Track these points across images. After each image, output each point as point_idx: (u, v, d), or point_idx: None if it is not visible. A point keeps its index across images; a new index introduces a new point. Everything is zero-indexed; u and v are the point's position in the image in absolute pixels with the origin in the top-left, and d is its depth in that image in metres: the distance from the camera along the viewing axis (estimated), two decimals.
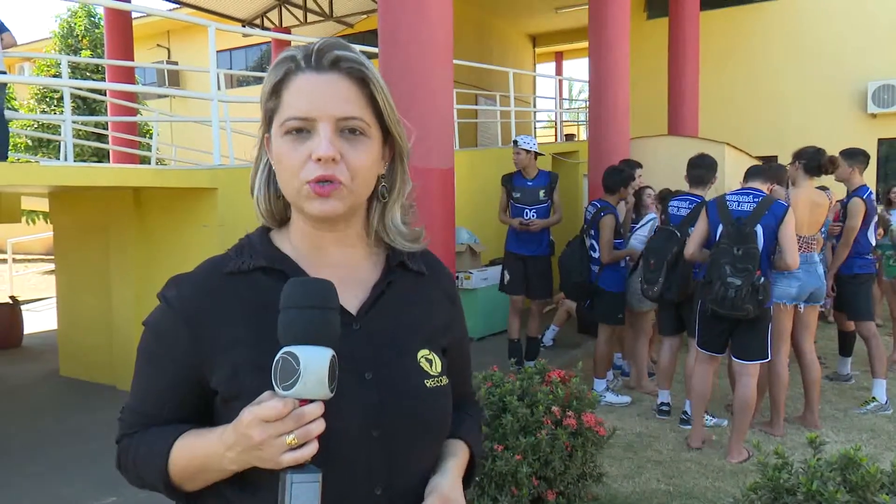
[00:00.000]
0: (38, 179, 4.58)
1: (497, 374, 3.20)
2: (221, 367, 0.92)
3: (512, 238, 5.66)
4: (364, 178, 0.95)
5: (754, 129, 11.18)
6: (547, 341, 6.69)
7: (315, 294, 0.83)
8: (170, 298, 0.96)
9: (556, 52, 19.16)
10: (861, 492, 1.78)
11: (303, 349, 0.80)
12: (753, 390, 3.98)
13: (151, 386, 0.98)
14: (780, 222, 3.81)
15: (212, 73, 5.53)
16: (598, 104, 6.72)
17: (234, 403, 0.88)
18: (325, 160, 0.90)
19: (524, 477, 2.76)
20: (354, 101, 0.93)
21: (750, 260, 3.71)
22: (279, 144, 0.93)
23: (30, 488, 3.74)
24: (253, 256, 0.98)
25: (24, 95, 16.96)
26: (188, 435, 0.93)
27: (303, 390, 0.79)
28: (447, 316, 1.09)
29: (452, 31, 4.24)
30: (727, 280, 3.72)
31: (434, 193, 4.13)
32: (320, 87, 0.92)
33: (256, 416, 0.80)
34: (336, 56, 0.93)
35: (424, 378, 0.97)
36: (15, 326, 7.80)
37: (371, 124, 0.95)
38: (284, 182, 0.94)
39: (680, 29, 9.77)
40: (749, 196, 3.95)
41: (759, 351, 3.94)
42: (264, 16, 13.18)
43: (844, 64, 10.75)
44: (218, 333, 0.93)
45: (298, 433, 0.79)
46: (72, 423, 4.80)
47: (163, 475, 0.93)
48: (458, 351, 1.12)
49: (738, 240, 3.76)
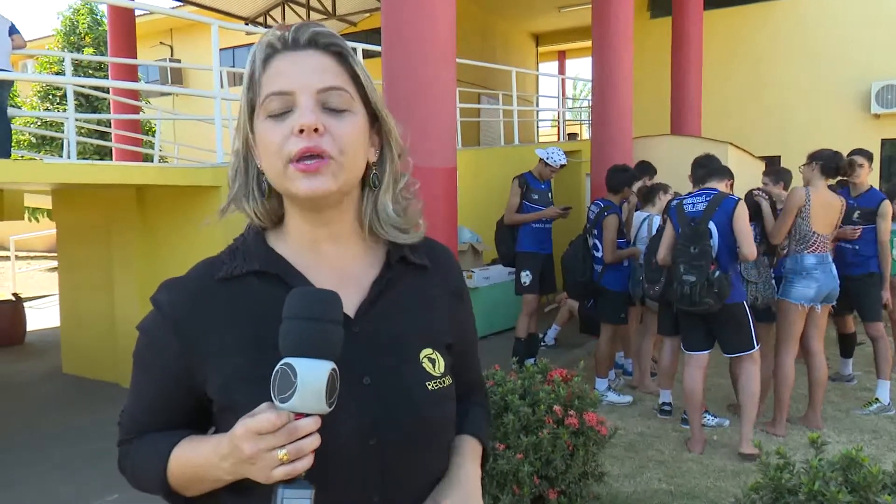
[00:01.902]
0: (41, 177, 4.59)
1: (499, 373, 3.20)
2: (214, 377, 0.90)
3: (529, 238, 5.61)
4: (353, 152, 0.90)
5: (757, 129, 11.16)
6: (549, 340, 6.70)
7: (318, 306, 0.81)
8: (161, 303, 0.94)
9: (560, 51, 19.15)
10: (863, 492, 1.78)
11: (301, 362, 0.77)
12: (757, 379, 4.04)
13: (145, 391, 0.97)
14: (731, 217, 3.94)
15: (215, 71, 5.53)
16: (601, 103, 6.72)
17: (227, 414, 0.86)
18: (307, 130, 0.85)
19: (526, 476, 2.77)
20: (334, 73, 0.90)
21: (704, 257, 3.90)
22: (260, 130, 0.89)
23: (32, 486, 3.75)
24: (246, 259, 0.95)
25: (27, 93, 16.98)
26: (185, 443, 0.91)
27: (299, 404, 0.77)
28: (453, 311, 1.05)
29: (455, 29, 4.24)
30: (682, 278, 3.93)
31: (437, 192, 4.12)
32: (298, 62, 0.89)
33: (249, 428, 0.77)
34: (312, 33, 0.90)
35: (426, 380, 0.94)
36: (18, 324, 7.82)
37: (354, 98, 0.91)
38: (269, 166, 0.90)
39: (683, 28, 9.76)
40: (702, 196, 4.13)
41: (744, 343, 4.03)
42: (267, 14, 13.19)
43: (848, 64, 10.72)
44: (208, 340, 0.91)
45: (291, 449, 0.77)
46: (74, 421, 4.81)
47: (162, 484, 0.92)
48: (466, 342, 1.08)
49: (693, 239, 3.96)
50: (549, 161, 5.60)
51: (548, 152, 5.66)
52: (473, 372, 1.14)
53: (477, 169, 7.92)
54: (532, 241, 5.61)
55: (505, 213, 5.72)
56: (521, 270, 5.60)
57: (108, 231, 5.76)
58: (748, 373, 4.03)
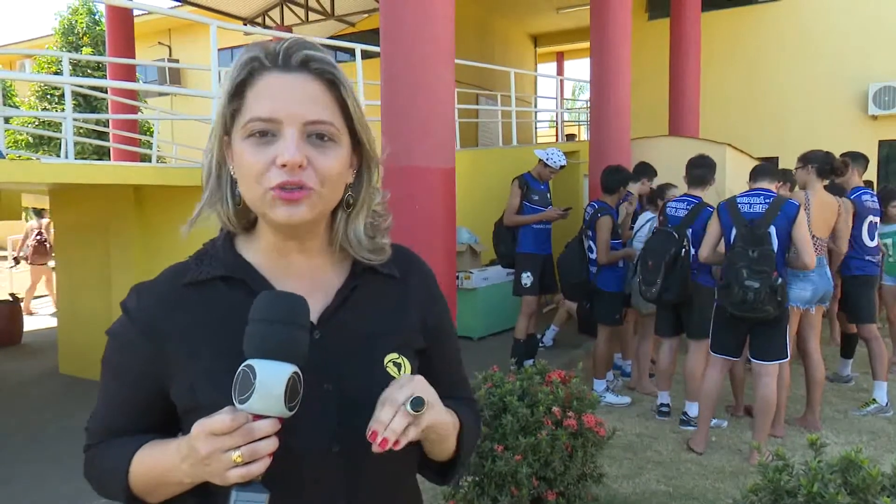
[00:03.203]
0: (38, 177, 4.58)
1: (497, 374, 3.20)
2: (180, 380, 0.90)
3: (529, 240, 5.58)
4: (334, 184, 0.90)
5: (755, 130, 11.17)
6: (547, 341, 6.70)
7: (284, 309, 0.81)
8: (129, 309, 0.94)
9: (558, 52, 19.17)
10: (862, 494, 1.78)
11: (262, 363, 0.77)
12: (774, 390, 3.94)
13: (113, 396, 0.97)
14: (793, 222, 3.81)
15: (213, 71, 5.53)
16: (599, 104, 6.71)
17: (191, 416, 0.85)
18: (290, 166, 0.84)
19: (524, 477, 2.76)
20: (324, 105, 0.88)
21: (766, 262, 3.71)
22: (241, 148, 0.87)
23: (29, 485, 3.74)
24: (213, 265, 0.94)
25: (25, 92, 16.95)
26: (148, 446, 0.90)
27: (257, 405, 0.76)
28: (424, 315, 1.04)
29: (454, 30, 4.23)
30: (745, 283, 3.71)
31: (435, 193, 4.12)
32: (287, 87, 0.87)
33: (204, 428, 0.77)
34: (305, 56, 0.88)
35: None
36: (15, 324, 7.81)
37: (340, 129, 0.90)
38: (246, 188, 0.89)
39: (681, 29, 9.77)
40: (759, 197, 3.95)
41: (780, 351, 3.92)
42: (266, 14, 13.18)
43: (845, 65, 10.74)
44: (176, 345, 0.91)
45: (245, 450, 0.76)
46: (71, 421, 4.80)
47: (124, 488, 0.91)
48: (443, 343, 1.08)
49: (753, 242, 3.76)
50: (548, 162, 5.59)
51: (548, 153, 5.65)
52: (456, 373, 1.13)
53: (475, 170, 7.91)
54: (532, 243, 5.59)
55: (505, 215, 5.68)
56: (522, 272, 5.58)
57: (106, 231, 5.75)
58: (765, 382, 3.93)
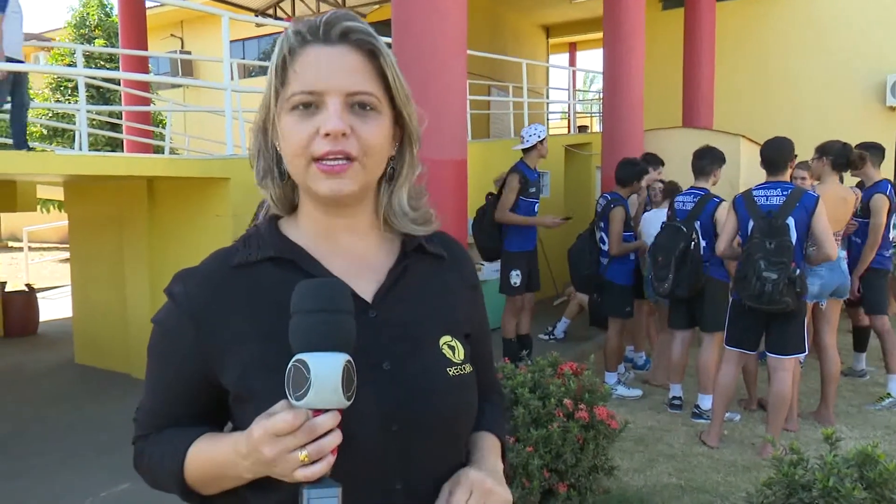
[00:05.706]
0: (53, 168, 4.61)
1: (508, 366, 3.20)
2: (231, 366, 0.88)
3: (518, 237, 5.25)
4: (377, 155, 0.90)
5: (770, 121, 11.03)
6: (559, 334, 6.68)
7: (325, 296, 0.78)
8: (175, 294, 0.93)
9: (570, 42, 19.01)
10: (879, 489, 1.76)
11: (313, 356, 0.74)
12: (789, 385, 3.89)
13: (162, 385, 0.96)
14: (812, 214, 3.74)
15: (225, 62, 5.54)
16: (612, 96, 6.67)
17: (246, 406, 0.85)
18: (334, 134, 0.85)
19: (535, 469, 2.76)
20: (365, 75, 0.89)
21: (784, 253, 3.66)
22: (285, 122, 0.89)
23: (44, 475, 3.78)
24: (260, 247, 0.94)
25: (39, 85, 17.06)
26: (202, 440, 0.90)
27: (315, 400, 0.74)
28: (469, 303, 1.04)
29: (466, 21, 4.21)
30: (763, 274, 3.67)
31: (447, 185, 4.11)
32: (328, 59, 0.87)
33: (267, 430, 0.75)
34: (345, 27, 0.88)
35: (447, 366, 0.92)
36: (31, 314, 7.89)
37: (382, 100, 0.90)
38: (291, 160, 0.89)
39: (695, 20, 9.66)
40: (777, 189, 3.89)
41: (798, 344, 3.87)
42: (277, 5, 13.16)
43: (863, 56, 10.58)
44: (225, 330, 0.89)
45: (311, 449, 0.74)
46: (86, 411, 4.85)
47: (179, 482, 0.91)
48: (481, 339, 1.08)
49: (770, 233, 3.71)
50: (541, 138, 5.15)
51: (536, 131, 5.15)
52: (488, 371, 1.12)
53: (487, 161, 7.88)
54: (522, 240, 5.25)
55: (497, 210, 5.19)
56: (511, 270, 5.24)
57: (120, 222, 5.79)
58: (780, 377, 3.88)
